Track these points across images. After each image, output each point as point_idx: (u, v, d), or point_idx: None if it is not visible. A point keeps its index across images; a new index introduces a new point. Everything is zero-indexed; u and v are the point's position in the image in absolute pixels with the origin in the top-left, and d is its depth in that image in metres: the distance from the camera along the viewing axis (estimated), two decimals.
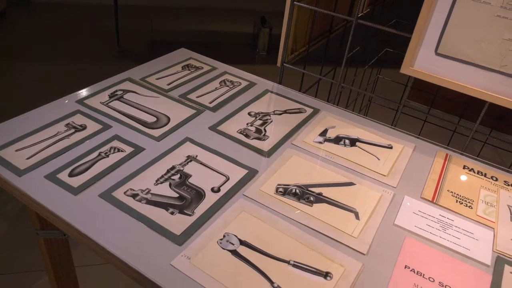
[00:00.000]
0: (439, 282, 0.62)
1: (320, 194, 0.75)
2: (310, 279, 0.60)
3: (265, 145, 0.86)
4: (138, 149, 0.81)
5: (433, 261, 0.65)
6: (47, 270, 0.93)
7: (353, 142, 0.90)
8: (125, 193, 0.70)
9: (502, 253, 0.69)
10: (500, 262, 0.67)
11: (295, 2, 1.03)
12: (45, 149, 0.78)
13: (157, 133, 0.86)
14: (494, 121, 1.75)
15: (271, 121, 0.94)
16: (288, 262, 0.62)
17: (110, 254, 0.61)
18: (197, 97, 1.00)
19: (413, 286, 0.61)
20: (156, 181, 0.74)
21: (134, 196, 0.70)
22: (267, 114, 0.96)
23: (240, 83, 1.08)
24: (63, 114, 0.88)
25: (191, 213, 0.68)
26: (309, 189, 0.76)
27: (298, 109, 1.00)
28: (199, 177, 0.76)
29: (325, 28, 1.31)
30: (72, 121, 0.86)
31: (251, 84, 1.08)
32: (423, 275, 0.63)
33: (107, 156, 0.78)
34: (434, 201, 0.77)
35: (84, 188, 0.71)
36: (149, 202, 0.69)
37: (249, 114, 0.96)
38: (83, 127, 0.85)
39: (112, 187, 0.71)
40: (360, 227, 0.70)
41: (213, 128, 0.90)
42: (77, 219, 0.65)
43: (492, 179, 0.85)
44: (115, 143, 0.82)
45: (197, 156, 0.81)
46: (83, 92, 0.96)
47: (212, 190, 0.73)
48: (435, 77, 0.89)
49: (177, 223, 0.66)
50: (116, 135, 0.84)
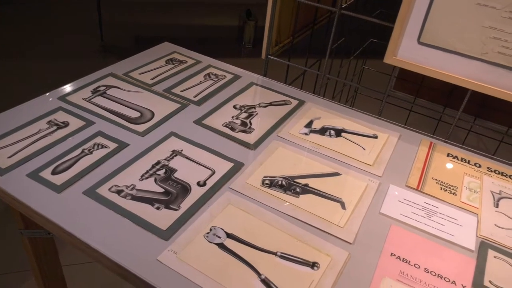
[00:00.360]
0: (425, 268, 0.63)
1: (306, 185, 0.75)
2: (297, 269, 0.60)
3: (250, 138, 0.86)
4: (122, 145, 0.80)
5: (418, 248, 0.66)
6: (33, 270, 0.92)
7: (338, 132, 0.91)
8: (109, 189, 0.70)
9: (486, 238, 0.70)
10: (484, 247, 0.68)
11: None
12: (26, 147, 0.77)
13: (141, 128, 0.85)
14: (477, 109, 1.77)
15: (257, 113, 0.94)
16: (275, 254, 0.62)
17: (96, 251, 0.61)
18: (181, 91, 0.99)
19: (399, 273, 0.62)
20: (141, 176, 0.73)
21: (119, 192, 0.69)
22: (253, 106, 0.96)
23: (224, 76, 1.07)
24: (45, 111, 0.86)
25: (177, 208, 0.68)
26: (295, 180, 0.76)
27: (284, 101, 1.00)
28: (185, 171, 0.75)
29: (309, 19, 1.30)
30: (54, 118, 0.85)
31: (236, 77, 1.07)
32: (409, 262, 0.64)
33: (91, 153, 0.77)
34: (419, 189, 0.78)
35: (67, 186, 0.70)
36: (134, 198, 0.69)
37: (234, 107, 0.95)
38: (66, 124, 0.83)
39: (96, 184, 0.71)
40: (346, 216, 0.70)
41: (198, 122, 0.89)
42: (61, 218, 0.64)
43: (476, 165, 0.86)
44: (99, 140, 0.80)
45: (182, 150, 0.80)
46: (65, 89, 0.95)
47: (198, 184, 0.73)
48: (418, 66, 0.89)
49: (163, 218, 0.66)
50: (99, 131, 0.83)
